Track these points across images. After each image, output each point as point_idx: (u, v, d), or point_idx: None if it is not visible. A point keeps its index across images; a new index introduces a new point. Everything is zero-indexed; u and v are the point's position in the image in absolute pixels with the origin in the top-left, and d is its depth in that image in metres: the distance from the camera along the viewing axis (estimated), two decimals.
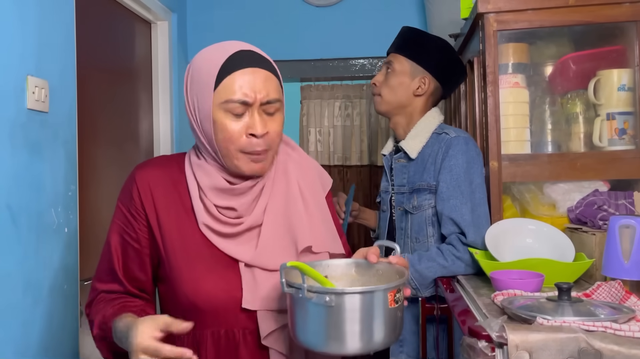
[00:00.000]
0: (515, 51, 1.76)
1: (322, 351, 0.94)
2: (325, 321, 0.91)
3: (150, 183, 1.13)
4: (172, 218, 1.11)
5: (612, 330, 0.94)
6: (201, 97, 1.06)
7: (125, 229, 1.14)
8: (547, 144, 1.76)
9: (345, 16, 2.97)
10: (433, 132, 1.76)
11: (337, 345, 0.92)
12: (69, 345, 1.75)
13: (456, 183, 1.63)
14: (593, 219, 1.49)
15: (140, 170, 1.16)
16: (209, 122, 1.05)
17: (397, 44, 1.85)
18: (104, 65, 2.28)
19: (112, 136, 2.31)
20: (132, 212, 1.14)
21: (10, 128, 1.49)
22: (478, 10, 1.68)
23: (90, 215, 2.07)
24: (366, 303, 0.91)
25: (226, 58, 1.04)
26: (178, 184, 1.14)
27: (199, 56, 1.11)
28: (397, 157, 1.84)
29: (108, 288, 1.15)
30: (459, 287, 1.46)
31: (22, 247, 1.52)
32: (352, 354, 0.93)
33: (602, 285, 1.18)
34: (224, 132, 1.04)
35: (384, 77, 1.83)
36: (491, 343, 0.96)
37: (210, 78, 1.04)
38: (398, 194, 1.80)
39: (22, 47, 1.55)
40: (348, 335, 0.91)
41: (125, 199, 1.15)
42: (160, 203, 1.12)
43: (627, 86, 1.65)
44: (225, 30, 3.01)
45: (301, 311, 0.94)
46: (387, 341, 0.95)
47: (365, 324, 0.91)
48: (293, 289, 0.93)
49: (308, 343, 0.95)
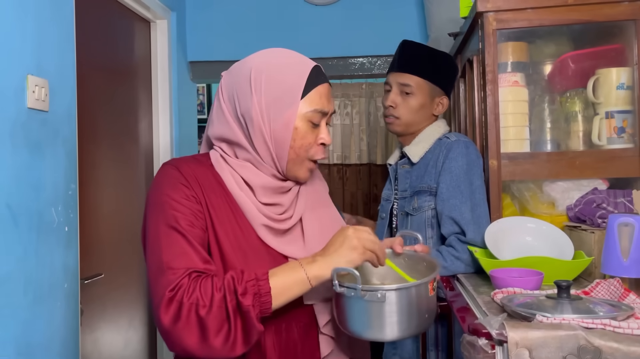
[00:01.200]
0: (515, 50, 1.77)
1: (372, 338, 1.04)
2: (377, 313, 1.01)
3: (196, 176, 1.10)
4: (223, 214, 1.09)
5: (611, 327, 0.94)
6: (282, 104, 1.09)
7: (187, 216, 1.04)
8: (546, 143, 1.77)
9: (345, 15, 2.97)
10: (436, 139, 1.78)
11: (386, 332, 1.02)
12: (70, 344, 1.76)
13: (456, 184, 1.65)
14: (592, 217, 1.50)
15: (180, 164, 1.11)
16: (289, 129, 1.09)
17: (412, 64, 1.79)
18: (103, 64, 2.28)
19: (112, 135, 2.31)
20: (191, 201, 1.06)
21: (11, 128, 1.49)
22: (477, 9, 1.68)
23: (91, 213, 2.07)
24: (412, 295, 1.02)
25: (310, 70, 1.12)
26: (217, 181, 1.12)
27: (269, 62, 1.12)
28: (401, 162, 1.85)
29: (195, 267, 1.00)
30: (458, 285, 1.47)
31: (22, 246, 1.52)
32: (396, 339, 1.07)
33: (601, 282, 1.19)
34: (303, 140, 1.10)
35: (401, 99, 1.79)
36: (491, 340, 0.96)
37: (297, 88, 1.09)
38: (401, 199, 1.81)
39: (22, 46, 1.55)
40: (395, 324, 1.01)
41: (175, 190, 1.06)
42: (210, 196, 1.09)
43: (626, 85, 1.65)
44: (224, 28, 3.01)
45: (353, 306, 1.02)
46: (427, 324, 1.07)
47: (411, 313, 1.02)
48: (346, 289, 1.01)
49: (359, 332, 1.04)
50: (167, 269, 0.98)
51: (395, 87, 1.80)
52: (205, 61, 2.98)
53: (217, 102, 1.15)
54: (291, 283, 1.00)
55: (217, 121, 1.14)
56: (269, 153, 1.10)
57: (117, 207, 2.28)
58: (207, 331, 0.94)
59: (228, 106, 1.12)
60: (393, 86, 1.80)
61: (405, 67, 1.79)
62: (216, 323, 0.94)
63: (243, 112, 1.09)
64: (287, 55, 1.15)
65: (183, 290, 0.95)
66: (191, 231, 1.03)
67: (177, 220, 1.03)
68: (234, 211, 1.10)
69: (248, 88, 1.09)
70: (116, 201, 2.28)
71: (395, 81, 1.80)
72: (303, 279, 1.00)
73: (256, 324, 0.96)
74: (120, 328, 2.29)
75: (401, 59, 1.81)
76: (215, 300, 0.95)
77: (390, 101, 1.80)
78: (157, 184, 1.10)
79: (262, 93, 1.08)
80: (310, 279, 1.00)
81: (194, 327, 0.94)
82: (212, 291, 0.95)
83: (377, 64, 2.96)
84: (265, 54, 1.14)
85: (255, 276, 0.98)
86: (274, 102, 1.08)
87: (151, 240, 1.04)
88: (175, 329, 0.94)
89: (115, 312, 2.25)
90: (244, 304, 0.95)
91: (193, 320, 0.94)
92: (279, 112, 1.08)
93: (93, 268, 2.07)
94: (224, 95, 1.13)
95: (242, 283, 0.96)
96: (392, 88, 1.81)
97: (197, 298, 0.95)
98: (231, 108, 1.12)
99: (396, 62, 1.82)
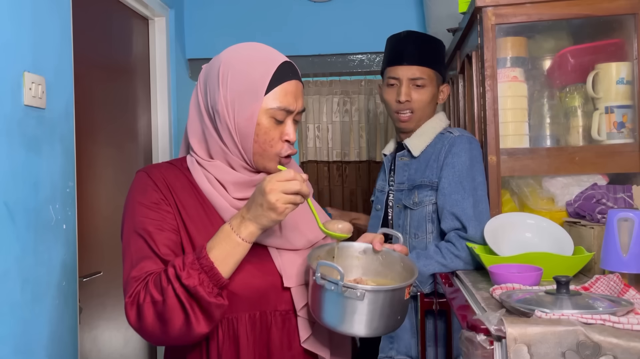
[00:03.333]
0: (514, 45, 1.76)
1: (344, 332, 1.06)
2: (352, 310, 1.03)
3: (166, 179, 1.15)
4: (194, 213, 1.14)
5: (611, 323, 0.94)
6: (246, 99, 1.10)
7: (155, 220, 1.10)
8: (545, 138, 1.76)
9: (344, 11, 2.96)
10: (438, 133, 1.77)
11: (358, 328, 1.04)
12: (68, 342, 1.75)
13: (458, 179, 1.63)
14: (592, 213, 1.49)
15: (151, 169, 1.17)
16: (252, 124, 1.11)
17: (422, 56, 1.76)
18: (101, 61, 2.28)
19: (109, 132, 2.30)
20: (160, 204, 1.11)
21: (7, 125, 1.48)
22: (476, 4, 1.67)
23: (89, 211, 2.07)
24: (389, 297, 1.04)
25: (277, 66, 1.12)
26: (191, 182, 1.17)
27: (237, 57, 1.13)
28: (400, 154, 1.82)
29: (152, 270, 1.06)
30: (457, 281, 1.46)
31: (20, 244, 1.51)
32: (364, 336, 1.06)
33: (600, 278, 1.18)
34: (266, 136, 1.12)
35: (414, 92, 1.76)
36: (490, 336, 0.96)
37: (262, 83, 1.10)
38: (397, 192, 1.79)
39: (19, 43, 1.54)
40: (367, 322, 1.03)
41: (144, 195, 1.12)
42: (180, 197, 1.14)
43: (625, 79, 1.65)
44: (222, 26, 3.00)
45: (330, 299, 1.04)
46: (398, 325, 1.09)
47: (384, 314, 1.04)
48: (327, 282, 1.03)
49: (332, 324, 1.05)
50: (129, 277, 1.06)
51: (405, 81, 1.75)
52: (203, 58, 2.97)
53: (195, 93, 1.19)
54: (229, 249, 1.03)
55: (194, 109, 1.18)
56: (235, 145, 1.13)
57: (115, 205, 2.27)
58: (169, 322, 1.01)
59: (203, 97, 1.16)
60: (403, 80, 1.76)
61: (415, 60, 1.75)
62: (175, 313, 1.00)
63: (212, 104, 1.13)
64: (257, 50, 1.15)
65: (137, 292, 1.03)
66: (158, 234, 1.08)
67: (144, 225, 1.09)
68: (206, 209, 1.15)
69: (216, 82, 1.12)
70: (114, 198, 2.28)
71: (405, 75, 1.75)
72: (239, 242, 1.04)
73: (210, 299, 1.00)
74: (119, 326, 2.29)
75: (409, 51, 1.76)
76: (166, 292, 1.00)
77: (405, 95, 1.75)
78: (130, 191, 1.16)
79: (227, 87, 1.11)
80: (245, 239, 1.04)
81: (156, 323, 1.01)
82: (161, 286, 1.01)
83: (376, 61, 2.95)
84: (235, 49, 1.16)
85: (195, 256, 1.02)
86: (239, 97, 1.11)
87: (123, 246, 1.11)
88: (142, 327, 1.03)
89: (114, 310, 2.24)
90: (190, 286, 0.99)
91: (153, 317, 1.01)
92: (242, 107, 1.11)
93: (91, 266, 2.07)
94: (201, 86, 1.17)
95: (184, 268, 1.01)
96: (401, 83, 1.76)
97: (150, 295, 1.02)
98: (204, 100, 1.15)
99: (403, 54, 1.77)
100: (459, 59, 2.16)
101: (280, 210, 1.01)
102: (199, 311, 1.01)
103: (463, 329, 1.03)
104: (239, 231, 1.04)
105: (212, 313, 1.02)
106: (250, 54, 1.14)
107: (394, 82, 1.79)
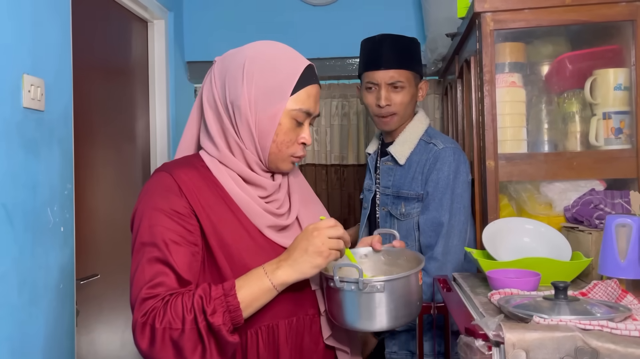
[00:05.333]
0: (512, 50, 1.76)
1: (368, 329, 1.11)
2: (376, 304, 1.05)
3: (193, 183, 1.10)
4: (223, 215, 1.10)
5: (609, 329, 0.94)
6: (272, 97, 1.10)
7: (176, 233, 1.04)
8: (543, 143, 1.77)
9: (342, 15, 2.97)
10: (421, 139, 1.82)
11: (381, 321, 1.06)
12: (65, 344, 1.75)
13: (440, 195, 1.73)
14: (589, 218, 1.49)
15: (174, 170, 1.10)
16: (274, 123, 1.10)
17: (398, 59, 1.80)
18: (100, 63, 2.28)
19: (108, 135, 2.30)
20: (184, 214, 1.06)
21: (6, 127, 1.48)
22: (475, 10, 1.68)
23: (87, 213, 2.06)
24: (407, 283, 1.08)
25: (304, 68, 1.12)
26: (214, 182, 1.13)
27: (264, 55, 1.12)
28: (384, 159, 1.89)
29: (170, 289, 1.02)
30: (455, 286, 1.46)
31: (17, 246, 1.51)
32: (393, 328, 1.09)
33: (598, 283, 1.18)
34: (285, 136, 1.12)
35: (394, 95, 1.80)
36: (488, 341, 0.96)
37: (288, 84, 1.10)
38: (382, 195, 1.85)
39: (18, 46, 1.54)
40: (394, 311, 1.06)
41: (167, 201, 1.06)
42: (207, 201, 1.09)
43: (623, 85, 1.65)
44: (222, 28, 3.00)
45: (350, 299, 1.06)
46: (418, 311, 1.12)
47: (407, 301, 1.08)
48: (346, 283, 1.04)
49: (356, 324, 1.08)
50: (143, 294, 1.00)
51: (384, 85, 1.81)
52: (202, 61, 2.98)
53: (209, 86, 1.15)
54: (258, 293, 1.03)
55: (206, 104, 1.15)
56: (253, 142, 1.12)
57: (113, 208, 2.27)
58: (183, 352, 0.98)
59: (219, 91, 1.13)
60: (382, 84, 1.81)
61: (393, 64, 1.80)
62: (190, 344, 0.98)
63: (232, 99, 1.11)
64: (283, 50, 1.15)
65: (154, 313, 0.98)
66: (177, 248, 1.03)
67: (163, 237, 1.03)
68: (233, 211, 1.11)
69: (240, 77, 1.10)
70: (112, 201, 2.27)
71: (383, 79, 1.81)
72: (269, 288, 1.03)
73: (229, 339, 0.99)
74: (117, 329, 2.28)
75: (385, 55, 1.81)
76: (186, 322, 0.97)
77: (385, 100, 1.81)
78: (147, 192, 1.09)
79: (253, 84, 1.10)
80: (276, 287, 1.04)
81: (169, 349, 0.98)
82: (182, 314, 0.97)
83: None
84: (262, 45, 1.15)
85: (223, 292, 1.00)
86: (264, 95, 1.10)
87: (134, 255, 1.05)
88: (152, 352, 0.99)
89: (112, 313, 2.24)
90: (215, 324, 0.97)
91: (168, 343, 0.98)
92: (267, 105, 1.10)
93: (89, 269, 2.06)
94: (217, 80, 1.14)
95: (210, 301, 0.98)
96: (380, 87, 1.81)
97: (169, 321, 0.97)
98: (221, 94, 1.13)
99: (381, 60, 1.81)
100: (458, 63, 2.17)
101: (326, 254, 1.03)
102: (215, 346, 1.00)
103: (461, 334, 1.03)
104: (272, 276, 1.03)
105: (227, 351, 1.02)
106: (276, 53, 1.14)
107: (372, 86, 1.84)
